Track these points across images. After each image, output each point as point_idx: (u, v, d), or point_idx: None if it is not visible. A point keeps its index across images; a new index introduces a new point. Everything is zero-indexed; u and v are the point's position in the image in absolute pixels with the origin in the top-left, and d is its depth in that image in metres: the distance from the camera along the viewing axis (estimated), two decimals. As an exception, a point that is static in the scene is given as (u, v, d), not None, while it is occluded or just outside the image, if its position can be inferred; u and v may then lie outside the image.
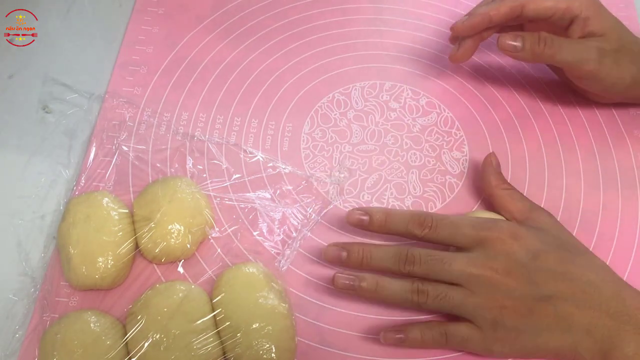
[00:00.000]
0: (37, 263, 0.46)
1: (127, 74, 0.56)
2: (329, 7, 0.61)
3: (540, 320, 0.40)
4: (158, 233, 0.45)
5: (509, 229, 0.43)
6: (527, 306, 0.40)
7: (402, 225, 0.44)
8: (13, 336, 0.43)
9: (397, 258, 0.43)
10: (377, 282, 0.42)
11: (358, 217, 0.45)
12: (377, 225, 0.45)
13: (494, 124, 0.55)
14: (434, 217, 0.44)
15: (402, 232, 0.44)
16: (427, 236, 0.43)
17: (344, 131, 0.54)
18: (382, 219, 0.44)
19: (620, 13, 0.62)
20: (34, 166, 0.51)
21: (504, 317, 0.40)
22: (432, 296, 0.41)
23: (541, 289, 0.41)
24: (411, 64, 0.58)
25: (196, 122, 0.54)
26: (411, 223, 0.44)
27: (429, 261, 0.42)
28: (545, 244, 0.43)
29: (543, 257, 0.42)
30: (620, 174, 0.52)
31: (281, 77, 0.57)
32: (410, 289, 0.42)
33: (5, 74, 0.56)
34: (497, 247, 0.42)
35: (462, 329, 0.41)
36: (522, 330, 0.40)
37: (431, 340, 0.42)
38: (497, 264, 0.41)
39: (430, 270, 0.42)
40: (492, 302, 0.41)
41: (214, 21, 0.60)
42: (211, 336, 0.41)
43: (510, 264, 0.41)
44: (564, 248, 0.43)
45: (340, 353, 0.44)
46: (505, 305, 0.41)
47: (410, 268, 0.42)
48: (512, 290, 0.41)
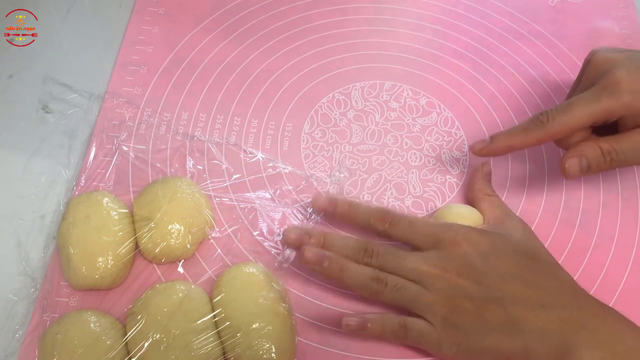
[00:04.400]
0: (37, 263, 0.46)
1: (127, 74, 0.56)
2: (328, 7, 0.61)
3: (489, 321, 0.40)
4: (158, 233, 0.45)
5: (464, 233, 0.43)
6: (476, 306, 0.41)
7: (365, 217, 0.45)
8: (13, 336, 0.43)
9: (357, 248, 0.44)
10: (342, 263, 0.43)
11: (324, 202, 0.46)
12: (340, 214, 0.46)
13: (494, 124, 0.55)
14: (395, 214, 0.45)
15: (364, 225, 0.45)
16: (387, 232, 0.45)
17: (344, 131, 0.54)
18: (346, 208, 0.46)
19: (620, 13, 0.62)
20: (34, 166, 0.51)
21: (454, 315, 0.41)
22: (390, 285, 0.42)
23: (492, 291, 0.41)
24: (411, 64, 0.58)
25: (196, 122, 0.54)
26: (373, 217, 0.45)
27: (385, 255, 0.43)
28: (500, 248, 0.43)
29: (496, 260, 0.42)
30: (620, 174, 0.52)
31: (281, 77, 0.57)
32: (371, 276, 0.42)
33: (5, 74, 0.56)
34: (450, 249, 0.43)
35: (419, 323, 0.42)
36: (472, 330, 0.40)
37: (390, 331, 0.42)
38: (448, 264, 0.42)
39: (386, 263, 0.43)
40: (443, 300, 0.41)
41: (214, 21, 0.60)
42: (211, 336, 0.41)
43: (462, 265, 0.42)
44: (522, 254, 0.43)
45: (340, 353, 0.44)
46: (455, 304, 0.41)
47: (368, 259, 0.43)
48: (461, 290, 0.41)
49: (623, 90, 0.42)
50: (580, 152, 0.44)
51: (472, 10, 0.62)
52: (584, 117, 0.43)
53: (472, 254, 0.42)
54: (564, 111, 0.44)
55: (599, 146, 0.43)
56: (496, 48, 0.59)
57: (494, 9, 0.62)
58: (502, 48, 0.59)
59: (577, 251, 0.48)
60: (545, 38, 0.60)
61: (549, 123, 0.44)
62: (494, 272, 0.42)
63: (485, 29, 0.61)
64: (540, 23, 0.61)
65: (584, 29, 0.61)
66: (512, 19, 0.61)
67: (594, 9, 0.62)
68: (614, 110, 0.43)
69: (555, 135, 0.44)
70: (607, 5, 0.63)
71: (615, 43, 0.59)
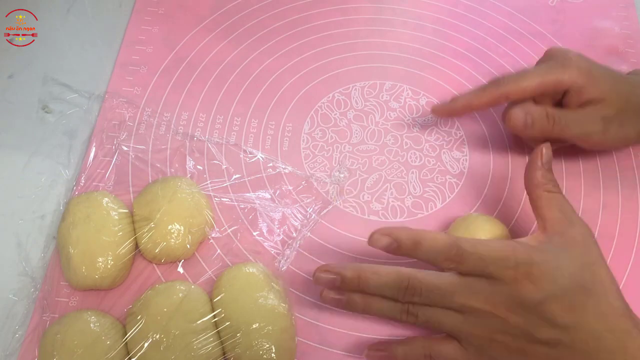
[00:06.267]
0: (37, 263, 0.46)
1: (127, 74, 0.56)
2: (328, 7, 0.61)
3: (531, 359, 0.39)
4: (158, 233, 0.45)
5: (524, 268, 0.38)
6: (519, 345, 0.38)
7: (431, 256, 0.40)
8: (13, 336, 0.43)
9: (396, 288, 0.40)
10: (366, 302, 0.40)
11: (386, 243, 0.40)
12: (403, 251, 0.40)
13: (494, 124, 0.55)
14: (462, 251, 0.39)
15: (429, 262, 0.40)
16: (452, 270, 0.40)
17: (344, 131, 0.54)
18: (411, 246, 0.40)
19: (621, 13, 0.62)
20: (34, 166, 0.51)
21: (492, 348, 0.39)
22: (421, 319, 0.40)
23: (539, 333, 0.38)
24: (411, 64, 0.58)
25: (196, 122, 0.54)
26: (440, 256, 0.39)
27: (429, 295, 0.39)
28: (559, 285, 0.38)
29: (551, 304, 0.38)
30: (620, 174, 0.52)
31: (281, 77, 0.57)
32: (400, 310, 0.40)
33: (5, 74, 0.56)
34: (510, 286, 0.38)
35: (447, 349, 0.40)
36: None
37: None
38: (501, 299, 0.38)
39: (431, 302, 0.40)
40: (484, 332, 0.39)
41: (214, 21, 0.60)
42: (211, 336, 0.41)
43: (515, 303, 0.38)
44: (579, 288, 0.39)
45: (340, 353, 0.44)
46: (496, 339, 0.39)
47: (409, 299, 0.40)
48: (507, 327, 0.38)
49: (573, 66, 0.47)
50: (527, 109, 0.47)
51: (472, 10, 0.62)
52: (536, 81, 0.47)
53: (528, 294, 0.38)
54: (519, 75, 0.48)
55: (545, 109, 0.47)
56: (496, 48, 0.59)
57: (494, 9, 0.62)
58: (502, 48, 0.59)
59: (577, 251, 0.48)
60: (545, 38, 0.60)
61: (503, 83, 0.48)
62: (547, 315, 0.38)
63: (485, 29, 0.61)
64: (540, 23, 0.61)
65: (584, 29, 0.61)
66: (512, 19, 0.61)
67: (594, 9, 0.62)
68: (562, 80, 0.47)
69: (509, 94, 0.48)
70: (607, 5, 0.63)
71: (615, 43, 0.59)
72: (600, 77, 0.47)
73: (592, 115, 0.47)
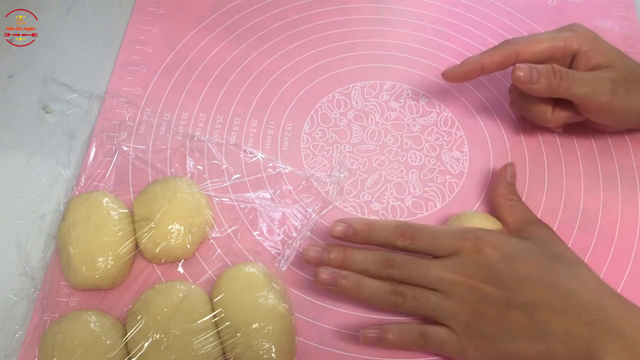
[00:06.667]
0: (37, 263, 0.46)
1: (127, 74, 0.56)
2: (328, 7, 0.61)
3: (513, 326, 0.40)
4: (158, 233, 0.45)
5: (486, 238, 0.43)
6: (500, 312, 0.40)
7: (384, 236, 0.44)
8: (13, 336, 0.43)
9: (378, 261, 0.43)
10: (358, 280, 0.43)
11: (342, 229, 0.44)
12: (360, 237, 0.44)
13: (494, 123, 0.55)
14: (414, 228, 0.44)
15: (384, 243, 0.44)
16: (408, 247, 0.44)
17: (344, 131, 0.54)
18: (365, 230, 0.44)
19: (621, 13, 0.62)
20: (34, 166, 0.51)
21: (477, 322, 0.41)
22: (409, 297, 0.42)
23: (515, 295, 0.40)
24: (411, 64, 0.58)
25: (196, 122, 0.54)
26: (393, 234, 0.44)
27: (407, 265, 0.43)
28: (522, 251, 0.42)
29: (518, 263, 0.42)
30: (620, 174, 0.52)
31: (281, 77, 0.57)
32: (389, 290, 0.42)
33: (5, 74, 0.56)
34: (473, 255, 0.42)
35: (440, 331, 0.42)
36: (496, 335, 0.40)
37: (410, 341, 0.42)
38: (471, 270, 0.42)
39: (409, 274, 0.43)
40: (465, 307, 0.41)
41: (214, 21, 0.60)
42: (211, 336, 0.41)
43: (485, 270, 0.41)
44: (544, 256, 0.42)
45: (340, 353, 0.44)
46: (478, 311, 0.41)
47: (390, 271, 0.43)
48: (485, 296, 0.41)
49: (580, 31, 0.49)
50: (533, 65, 0.47)
51: (472, 10, 0.62)
52: (546, 42, 0.48)
53: (494, 259, 0.42)
54: (529, 37, 0.50)
55: (552, 66, 0.47)
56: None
57: (494, 9, 0.62)
58: (502, 48, 0.59)
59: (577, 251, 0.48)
60: (545, 38, 0.60)
61: (514, 42, 0.49)
62: (516, 276, 0.41)
63: (485, 29, 0.61)
64: (540, 23, 0.61)
65: (584, 29, 0.61)
66: (512, 19, 0.61)
67: (594, 9, 0.62)
68: (571, 44, 0.48)
69: (519, 52, 0.48)
70: (607, 5, 0.63)
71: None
72: (607, 45, 0.49)
73: (601, 76, 0.47)
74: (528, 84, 0.47)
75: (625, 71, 0.48)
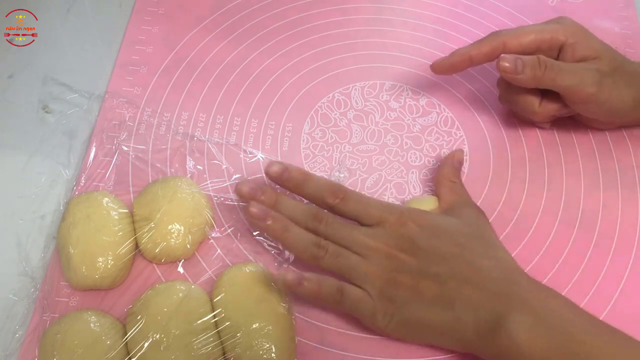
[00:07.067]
0: (37, 263, 0.46)
1: (127, 74, 0.56)
2: (328, 7, 0.61)
3: (424, 295, 0.41)
4: (158, 233, 0.45)
5: (410, 214, 0.45)
6: (413, 280, 0.42)
7: (317, 189, 0.45)
8: (13, 336, 0.43)
9: (307, 212, 0.45)
10: (286, 224, 0.44)
11: (278, 169, 0.45)
12: (293, 184, 0.46)
13: (494, 123, 0.55)
14: (347, 191, 0.46)
15: (316, 197, 0.46)
16: (337, 206, 0.45)
17: (344, 131, 0.54)
18: (300, 178, 0.46)
19: (621, 13, 0.62)
20: (34, 166, 0.51)
21: (390, 287, 0.42)
22: (330, 252, 0.43)
23: (430, 267, 0.42)
24: (411, 64, 0.58)
25: (196, 122, 0.54)
26: (325, 190, 0.45)
27: (333, 224, 0.44)
28: (445, 229, 0.44)
29: (438, 239, 0.43)
30: (620, 173, 0.52)
31: (281, 77, 0.57)
32: (313, 242, 0.43)
33: (5, 74, 0.56)
34: (396, 228, 0.44)
35: (356, 291, 0.42)
36: (406, 302, 0.41)
37: (327, 293, 0.42)
38: (392, 241, 0.43)
39: (333, 232, 0.44)
40: (382, 272, 0.42)
41: (214, 21, 0.60)
42: (211, 336, 0.41)
43: (405, 242, 0.43)
44: (466, 235, 0.44)
45: (340, 353, 0.44)
46: (393, 278, 0.42)
47: (317, 225, 0.44)
48: (401, 264, 0.42)
49: (567, 24, 0.50)
50: (520, 56, 0.48)
51: (472, 10, 0.62)
52: (533, 34, 0.49)
53: (415, 233, 0.43)
54: (516, 29, 0.50)
55: (537, 56, 0.47)
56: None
57: (494, 9, 0.62)
58: (502, 48, 0.59)
59: (577, 251, 0.48)
60: (545, 38, 0.60)
61: (502, 34, 0.50)
62: (435, 250, 0.43)
63: (485, 29, 0.60)
64: (540, 23, 0.61)
65: (584, 29, 0.61)
66: (512, 19, 0.61)
67: (594, 9, 0.62)
68: (557, 36, 0.49)
69: (506, 43, 0.49)
70: (607, 5, 0.63)
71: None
72: (594, 38, 0.50)
73: (587, 67, 0.48)
74: (513, 74, 0.47)
75: (613, 64, 0.48)
